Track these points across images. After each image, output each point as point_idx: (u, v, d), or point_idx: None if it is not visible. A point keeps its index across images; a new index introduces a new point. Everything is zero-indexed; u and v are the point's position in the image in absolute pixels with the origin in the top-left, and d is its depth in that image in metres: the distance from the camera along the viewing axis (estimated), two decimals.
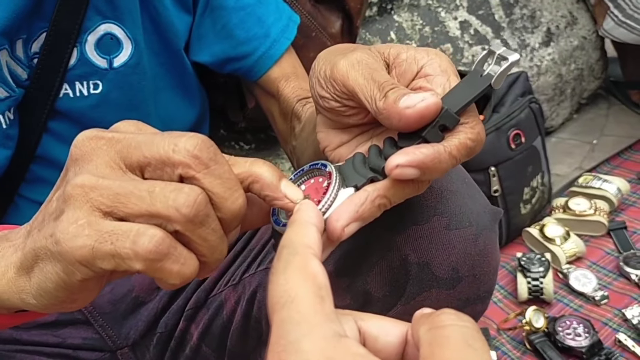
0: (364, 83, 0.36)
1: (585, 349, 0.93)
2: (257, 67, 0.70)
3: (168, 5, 0.67)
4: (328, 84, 0.38)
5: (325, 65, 0.39)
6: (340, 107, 0.39)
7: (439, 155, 0.34)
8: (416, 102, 0.33)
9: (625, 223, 1.20)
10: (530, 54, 1.42)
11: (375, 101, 0.35)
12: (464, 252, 0.46)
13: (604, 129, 1.55)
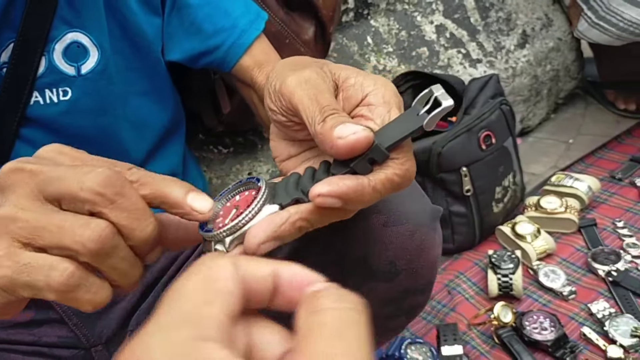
0: (307, 103, 0.37)
1: (551, 342, 0.96)
2: (228, 58, 0.72)
3: (135, 9, 0.69)
4: (276, 98, 0.39)
5: (276, 80, 0.40)
6: (287, 122, 0.40)
7: (362, 189, 0.35)
8: (348, 134, 0.34)
9: (596, 220, 1.23)
10: (506, 56, 1.45)
11: (315, 124, 0.36)
12: (401, 247, 0.49)
13: (581, 129, 1.59)
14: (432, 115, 0.36)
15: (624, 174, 1.36)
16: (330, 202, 0.34)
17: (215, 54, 0.71)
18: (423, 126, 0.36)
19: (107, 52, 0.67)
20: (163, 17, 0.73)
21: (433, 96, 0.36)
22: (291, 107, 0.38)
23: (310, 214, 0.36)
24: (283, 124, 0.40)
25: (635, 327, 0.97)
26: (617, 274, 1.08)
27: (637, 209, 1.26)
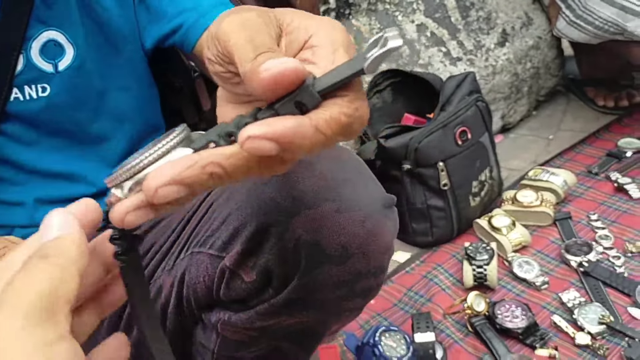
0: (242, 44, 0.32)
1: (522, 330, 1.00)
2: (188, 38, 0.73)
3: (108, 5, 0.71)
4: (212, 45, 0.35)
5: (214, 25, 0.35)
6: (224, 73, 0.35)
7: (301, 129, 0.29)
8: (275, 64, 0.30)
9: (571, 213, 1.27)
10: (486, 54, 1.49)
11: (244, 63, 0.31)
12: (353, 233, 0.53)
13: (561, 125, 1.62)
14: (374, 57, 0.31)
15: (600, 168, 1.39)
16: (264, 146, 0.28)
17: (178, 33, 0.73)
18: (364, 69, 0.31)
19: (83, 49, 0.70)
20: (135, 10, 0.76)
21: (383, 37, 0.31)
22: (227, 52, 0.33)
23: (226, 159, 0.30)
24: (221, 76, 0.36)
25: (603, 315, 1.01)
26: (589, 265, 1.12)
27: (611, 202, 1.29)
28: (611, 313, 1.02)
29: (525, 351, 0.99)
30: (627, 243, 1.16)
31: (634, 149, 1.43)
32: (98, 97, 0.76)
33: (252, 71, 0.30)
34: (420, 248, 1.27)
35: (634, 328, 0.99)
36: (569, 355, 0.98)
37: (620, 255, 1.14)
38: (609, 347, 0.97)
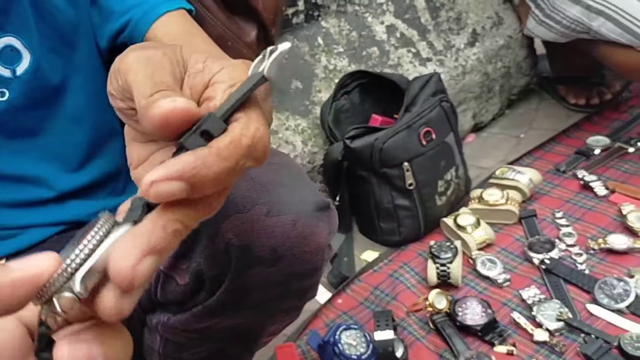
0: (141, 79, 0.31)
1: (481, 327, 1.02)
2: (135, 33, 0.74)
3: (63, 8, 0.73)
4: (114, 78, 0.33)
5: (118, 59, 0.34)
6: (126, 109, 0.34)
7: (203, 159, 0.28)
8: (166, 103, 0.29)
9: (536, 211, 1.28)
10: (456, 54, 1.50)
11: (141, 99, 0.30)
12: (283, 235, 0.54)
13: (533, 123, 1.64)
14: (272, 60, 0.31)
15: (567, 166, 1.41)
16: (169, 188, 0.27)
17: (127, 30, 0.74)
18: (265, 75, 0.31)
19: (39, 52, 0.72)
20: (88, 12, 0.77)
21: (267, 51, 0.32)
22: (126, 86, 0.32)
23: (177, 212, 0.29)
24: (123, 112, 0.34)
25: (561, 312, 1.02)
26: (550, 262, 1.14)
27: (577, 199, 1.31)
28: (570, 310, 1.03)
29: (484, 348, 1.01)
30: (590, 240, 1.18)
31: (602, 146, 1.44)
32: (56, 99, 0.77)
33: (146, 108, 0.29)
34: (389, 247, 1.29)
35: (591, 325, 1.01)
36: (526, 352, 0.99)
37: (583, 253, 1.16)
38: (566, 344, 0.98)
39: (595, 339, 0.97)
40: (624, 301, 1.02)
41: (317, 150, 1.30)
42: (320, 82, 1.34)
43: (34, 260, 0.25)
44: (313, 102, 1.32)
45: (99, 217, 0.28)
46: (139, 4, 0.76)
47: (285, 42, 0.32)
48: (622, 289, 1.04)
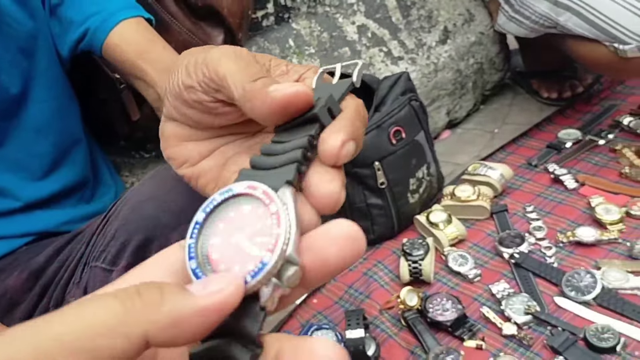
0: (235, 69, 0.32)
1: (451, 322, 1.03)
2: (94, 41, 0.76)
3: (21, 20, 0.74)
4: (198, 71, 0.34)
5: (195, 56, 0.35)
6: (209, 102, 0.34)
7: (354, 122, 0.30)
8: (286, 88, 0.30)
9: (507, 206, 1.30)
10: (427, 52, 1.52)
11: (243, 84, 0.31)
12: None
13: (506, 118, 1.66)
14: (357, 73, 0.34)
15: (539, 160, 1.43)
16: (351, 148, 0.29)
17: (86, 38, 0.75)
18: (353, 83, 0.34)
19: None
20: (48, 22, 0.79)
21: (340, 64, 0.35)
22: (216, 77, 0.33)
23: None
24: (204, 104, 0.35)
25: (529, 305, 1.04)
26: (520, 256, 1.15)
27: (547, 193, 1.33)
28: (538, 303, 1.05)
29: (454, 343, 1.03)
30: (559, 233, 1.20)
31: (573, 140, 1.46)
32: (17, 110, 0.78)
33: (254, 92, 0.30)
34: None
35: (559, 317, 1.03)
36: (495, 346, 1.01)
37: (552, 246, 1.18)
38: (534, 337, 1.00)
39: (561, 331, 0.99)
40: (591, 293, 1.04)
41: None
42: None
43: (217, 284, 0.23)
44: None
45: (266, 192, 0.27)
46: (96, 13, 0.77)
47: (360, 60, 0.34)
48: (588, 281, 1.06)
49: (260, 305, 0.25)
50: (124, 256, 0.56)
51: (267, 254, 0.25)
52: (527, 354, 0.98)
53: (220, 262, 0.26)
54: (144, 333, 0.21)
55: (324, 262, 0.26)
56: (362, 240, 0.25)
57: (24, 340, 0.21)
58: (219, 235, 0.27)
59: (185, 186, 0.56)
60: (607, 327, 0.97)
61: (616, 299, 1.03)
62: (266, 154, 0.30)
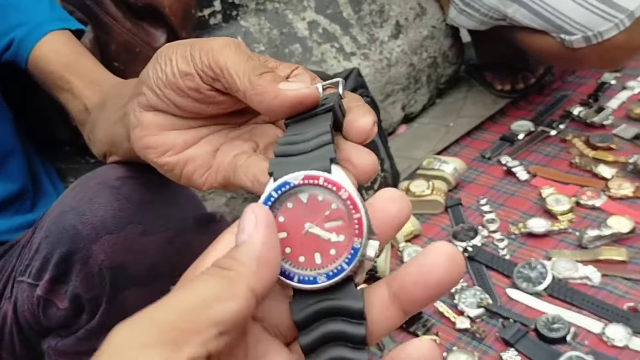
0: (236, 60, 0.34)
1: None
2: (20, 53, 0.73)
3: None
4: (197, 59, 0.35)
5: (191, 45, 0.36)
6: (206, 90, 0.36)
7: (367, 109, 0.32)
8: (298, 87, 0.32)
9: (461, 200, 1.30)
10: (380, 47, 1.51)
11: (249, 76, 0.33)
12: (160, 253, 0.54)
13: (461, 111, 1.66)
14: (341, 88, 0.35)
15: (492, 153, 1.43)
16: (376, 128, 0.32)
17: (10, 49, 0.73)
18: (340, 94, 0.34)
19: None
20: None
21: (325, 83, 0.36)
22: (216, 66, 0.34)
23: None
24: (201, 92, 0.36)
25: (482, 298, 1.05)
26: (473, 250, 1.16)
27: (500, 186, 1.34)
28: (490, 296, 1.06)
29: (409, 339, 1.02)
30: (511, 225, 1.20)
31: (526, 131, 1.47)
32: None
33: (264, 86, 0.32)
34: None
35: (511, 309, 1.03)
36: (449, 340, 1.01)
37: (504, 238, 1.18)
38: (486, 329, 1.01)
39: (513, 323, 1.00)
40: (541, 284, 1.05)
41: None
42: None
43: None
44: None
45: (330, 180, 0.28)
46: (23, 23, 0.74)
47: (340, 79, 0.35)
48: (539, 272, 1.07)
49: (355, 283, 0.27)
50: (48, 269, 0.54)
51: (357, 240, 0.27)
52: (480, 346, 0.99)
53: (298, 254, 0.27)
54: (250, 287, 0.24)
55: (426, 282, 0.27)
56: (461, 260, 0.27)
57: (142, 323, 0.22)
58: (284, 230, 0.28)
59: (106, 197, 0.54)
60: (557, 317, 0.98)
61: (566, 289, 1.04)
62: (289, 143, 0.30)
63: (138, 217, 0.53)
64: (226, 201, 1.28)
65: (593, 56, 1.27)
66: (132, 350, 0.21)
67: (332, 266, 0.27)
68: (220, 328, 0.23)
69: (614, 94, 1.53)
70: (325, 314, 0.27)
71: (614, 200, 1.20)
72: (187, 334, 0.22)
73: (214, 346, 0.22)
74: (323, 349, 0.27)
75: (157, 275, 0.54)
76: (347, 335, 0.27)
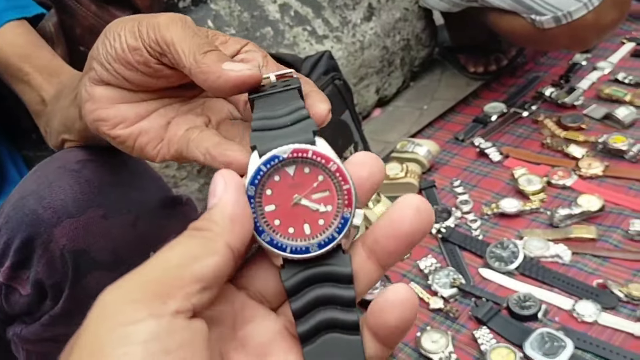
0: (182, 36, 0.35)
1: None
2: None
3: None
4: (144, 34, 0.36)
5: (138, 20, 0.36)
6: (154, 63, 0.36)
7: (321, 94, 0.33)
8: (241, 68, 0.32)
9: (435, 182, 1.31)
10: (352, 30, 1.50)
11: (194, 54, 0.33)
12: (123, 237, 0.53)
13: (435, 94, 1.67)
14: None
15: (466, 134, 1.44)
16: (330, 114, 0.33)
17: None
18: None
19: None
20: None
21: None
22: (162, 42, 0.35)
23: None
24: (148, 66, 0.36)
25: (455, 278, 1.06)
26: (446, 231, 1.17)
27: (474, 167, 1.34)
28: (463, 275, 1.07)
29: None
30: (484, 206, 1.21)
31: (498, 113, 1.48)
32: None
33: (209, 65, 0.33)
34: None
35: (483, 288, 1.04)
36: (423, 320, 1.02)
37: (477, 219, 1.19)
38: (459, 309, 1.02)
39: (485, 302, 1.01)
40: (513, 263, 1.06)
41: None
42: None
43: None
44: None
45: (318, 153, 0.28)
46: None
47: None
48: (511, 251, 1.08)
49: (342, 250, 0.29)
50: (9, 255, 0.53)
51: (347, 210, 0.28)
52: (454, 326, 1.00)
53: (288, 225, 0.28)
54: (226, 243, 0.26)
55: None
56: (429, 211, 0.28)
57: (130, 283, 0.24)
58: (272, 203, 0.28)
59: (66, 180, 0.53)
60: (529, 295, 1.00)
61: (537, 267, 1.05)
62: (267, 118, 0.30)
63: (99, 200, 0.52)
64: (199, 187, 1.27)
65: (563, 36, 1.28)
66: (122, 305, 0.23)
67: (323, 236, 0.28)
68: (203, 283, 0.24)
69: (585, 74, 1.55)
70: (315, 280, 0.28)
71: (584, 180, 1.22)
72: (172, 290, 0.24)
73: (197, 300, 0.24)
74: (313, 313, 0.28)
75: (121, 258, 0.53)
76: (337, 298, 0.28)
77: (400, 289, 0.28)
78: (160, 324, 0.23)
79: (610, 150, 1.25)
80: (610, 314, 0.95)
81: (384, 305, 0.28)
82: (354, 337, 0.28)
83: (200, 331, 0.24)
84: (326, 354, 0.28)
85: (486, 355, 0.91)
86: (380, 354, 0.28)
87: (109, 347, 0.22)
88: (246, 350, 0.28)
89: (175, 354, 0.23)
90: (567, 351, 0.89)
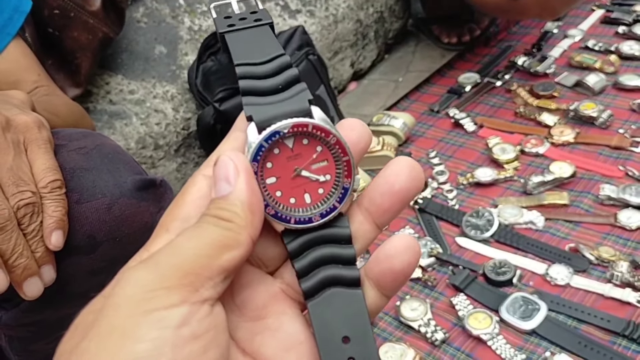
0: None
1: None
2: None
3: None
4: None
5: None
6: None
7: None
8: None
9: (411, 153, 1.32)
10: (325, 3, 1.49)
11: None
12: (98, 221, 0.53)
13: (410, 66, 1.67)
14: None
15: (440, 106, 1.45)
16: None
17: None
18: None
19: None
20: None
21: None
22: None
23: None
24: None
25: (432, 248, 1.08)
26: (423, 202, 1.18)
27: (449, 138, 1.36)
28: (441, 245, 1.09)
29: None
30: (460, 176, 1.23)
31: (472, 83, 1.50)
32: None
33: None
34: None
35: (460, 256, 1.07)
36: (403, 290, 1.04)
37: (453, 189, 1.21)
38: (437, 277, 1.04)
39: (462, 269, 1.03)
40: (489, 231, 1.09)
41: (190, 116, 1.27)
42: (185, 45, 1.30)
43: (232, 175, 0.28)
44: (180, 66, 1.28)
45: (320, 126, 0.29)
46: None
47: None
48: (486, 219, 1.10)
49: (341, 212, 0.30)
50: None
51: (347, 180, 0.30)
52: (432, 294, 1.02)
53: (289, 196, 0.29)
54: (250, 235, 0.27)
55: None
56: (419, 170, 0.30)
57: (161, 267, 0.25)
58: (273, 175, 0.29)
59: None
60: (504, 261, 1.02)
61: (512, 234, 1.08)
62: (252, 76, 0.30)
63: (72, 185, 0.52)
64: (177, 167, 1.27)
65: (534, 6, 1.29)
66: (155, 291, 0.24)
67: (324, 205, 0.30)
68: (227, 273, 0.26)
69: (557, 42, 1.56)
70: (317, 242, 0.30)
71: (557, 147, 1.24)
72: (203, 279, 0.25)
73: (221, 288, 0.26)
74: (316, 272, 0.29)
75: (97, 243, 0.53)
76: (338, 257, 0.30)
77: (405, 236, 0.30)
78: (191, 311, 0.24)
79: (581, 117, 1.27)
80: (581, 276, 0.98)
81: (391, 251, 0.30)
82: (355, 290, 0.30)
83: (221, 315, 0.26)
84: (330, 306, 0.29)
85: (464, 320, 0.93)
86: (379, 303, 0.30)
87: (144, 329, 0.23)
88: (244, 314, 0.29)
89: (202, 338, 0.24)
90: (541, 313, 0.92)
